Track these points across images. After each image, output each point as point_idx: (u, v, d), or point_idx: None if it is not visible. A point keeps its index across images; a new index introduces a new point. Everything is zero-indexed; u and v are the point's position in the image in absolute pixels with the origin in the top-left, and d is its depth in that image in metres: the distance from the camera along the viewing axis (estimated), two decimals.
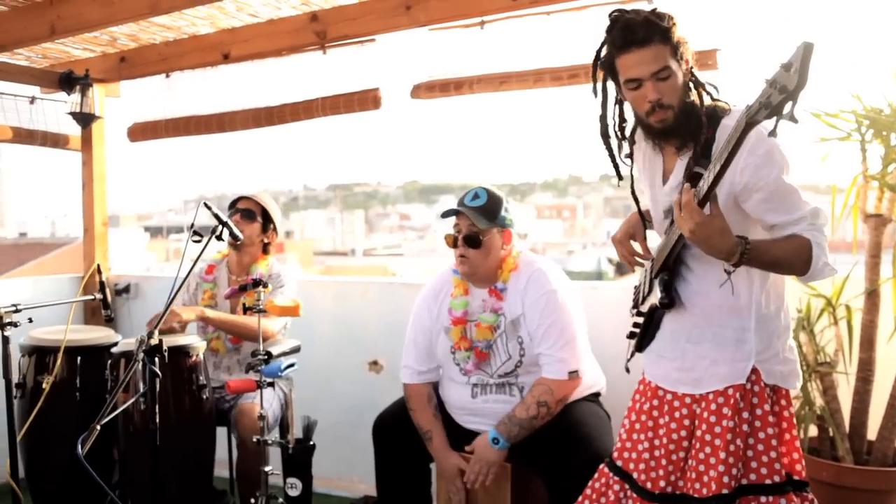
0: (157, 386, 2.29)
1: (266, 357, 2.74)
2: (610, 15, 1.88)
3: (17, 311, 2.42)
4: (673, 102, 1.82)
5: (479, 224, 2.61)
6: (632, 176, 2.05)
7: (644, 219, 2.13)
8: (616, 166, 1.99)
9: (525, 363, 2.63)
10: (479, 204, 2.63)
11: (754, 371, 1.88)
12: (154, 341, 2.27)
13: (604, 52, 1.90)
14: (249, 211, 3.33)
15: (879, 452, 2.73)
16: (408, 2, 3.48)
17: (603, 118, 1.97)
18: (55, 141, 4.44)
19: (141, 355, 2.25)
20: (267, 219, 3.37)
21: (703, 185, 1.64)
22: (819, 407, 2.82)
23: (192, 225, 2.54)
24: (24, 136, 4.27)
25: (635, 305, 2.12)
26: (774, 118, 1.43)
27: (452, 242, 2.68)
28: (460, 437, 2.71)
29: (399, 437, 2.77)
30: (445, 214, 2.69)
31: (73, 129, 4.43)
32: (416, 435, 2.73)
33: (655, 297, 1.96)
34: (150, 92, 4.47)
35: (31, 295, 4.22)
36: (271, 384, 2.77)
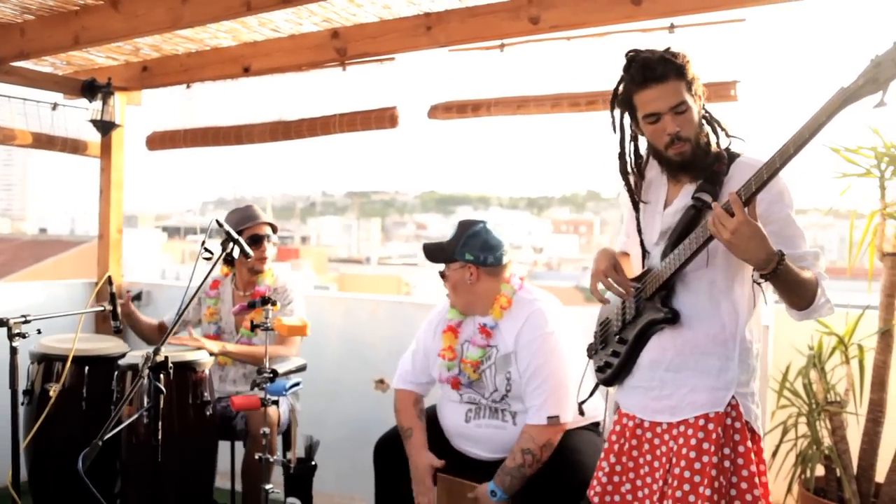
0: (161, 402, 2.30)
1: (272, 375, 2.74)
2: (627, 54, 1.94)
3: (26, 321, 2.43)
4: (690, 135, 1.88)
5: (433, 262, 2.74)
6: (637, 208, 2.07)
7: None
8: (636, 203, 2.05)
9: (511, 397, 2.65)
10: (443, 241, 2.74)
11: (733, 404, 1.88)
12: (160, 358, 2.28)
13: (621, 89, 1.96)
14: (269, 236, 3.32)
15: (887, 496, 2.69)
16: (428, 22, 3.50)
17: (622, 155, 2.03)
18: (75, 147, 4.49)
19: (146, 371, 2.26)
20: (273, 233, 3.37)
21: (752, 184, 1.67)
22: (827, 447, 2.78)
23: (204, 242, 2.54)
24: (44, 142, 4.33)
25: (604, 342, 2.10)
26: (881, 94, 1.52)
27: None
28: (457, 462, 2.70)
29: (400, 461, 2.75)
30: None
31: (93, 136, 4.48)
32: None
33: (646, 318, 1.94)
34: (170, 102, 4.53)
35: (43, 300, 4.25)
36: (276, 402, 2.77)
